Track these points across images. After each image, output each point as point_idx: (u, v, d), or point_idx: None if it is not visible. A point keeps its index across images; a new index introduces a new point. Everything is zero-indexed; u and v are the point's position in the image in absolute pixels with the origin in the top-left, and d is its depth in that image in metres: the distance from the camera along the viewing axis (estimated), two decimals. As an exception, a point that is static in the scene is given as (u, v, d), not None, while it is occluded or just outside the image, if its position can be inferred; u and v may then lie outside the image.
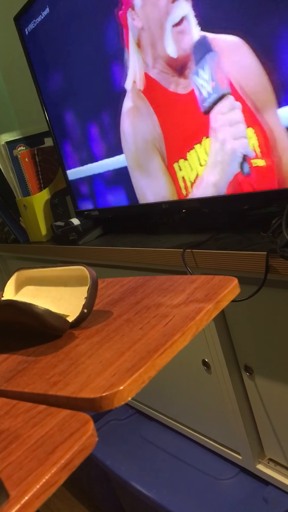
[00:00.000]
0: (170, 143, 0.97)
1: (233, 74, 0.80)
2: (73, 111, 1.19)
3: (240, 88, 0.80)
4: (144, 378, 0.36)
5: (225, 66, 0.81)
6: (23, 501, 0.27)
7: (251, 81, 0.78)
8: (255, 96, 0.78)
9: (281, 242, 0.67)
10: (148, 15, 0.91)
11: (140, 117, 1.02)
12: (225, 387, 0.92)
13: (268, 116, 0.77)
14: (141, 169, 1.08)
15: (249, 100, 0.79)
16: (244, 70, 0.78)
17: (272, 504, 0.88)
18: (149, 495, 0.99)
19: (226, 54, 0.80)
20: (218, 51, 0.81)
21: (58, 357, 0.43)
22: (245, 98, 0.80)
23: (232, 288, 0.48)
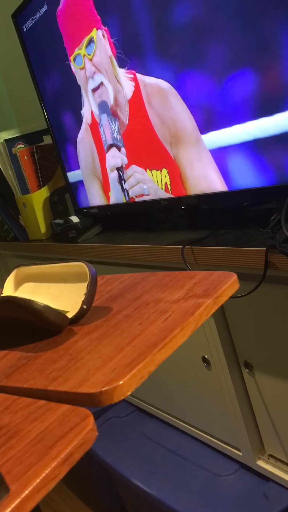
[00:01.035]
0: (104, 172, 1.16)
1: (156, 120, 0.94)
2: (72, 109, 1.19)
3: (161, 131, 0.94)
4: (143, 373, 0.36)
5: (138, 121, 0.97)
6: (23, 495, 0.27)
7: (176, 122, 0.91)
8: (176, 134, 0.91)
9: (280, 238, 0.67)
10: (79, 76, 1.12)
11: (85, 149, 1.20)
12: (225, 383, 0.92)
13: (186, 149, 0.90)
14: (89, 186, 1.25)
15: (167, 140, 0.93)
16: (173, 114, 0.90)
17: (272, 500, 0.88)
18: (150, 492, 0.99)
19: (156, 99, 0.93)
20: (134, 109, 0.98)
21: (58, 353, 0.43)
22: (162, 139, 0.94)
23: (231, 283, 0.48)
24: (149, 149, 0.99)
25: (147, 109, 0.95)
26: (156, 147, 0.97)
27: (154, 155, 0.98)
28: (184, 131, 0.89)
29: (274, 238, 0.72)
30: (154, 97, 0.93)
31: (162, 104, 0.92)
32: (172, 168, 0.95)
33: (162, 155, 0.96)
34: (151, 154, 0.99)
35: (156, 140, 0.96)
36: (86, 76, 1.08)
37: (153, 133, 0.96)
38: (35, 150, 1.39)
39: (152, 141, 0.97)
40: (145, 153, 1.00)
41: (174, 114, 0.90)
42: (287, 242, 0.66)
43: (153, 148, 0.98)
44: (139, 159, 1.02)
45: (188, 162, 0.91)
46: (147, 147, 0.99)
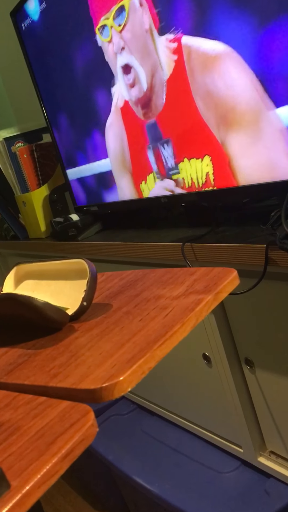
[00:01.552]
0: (135, 163, 1.03)
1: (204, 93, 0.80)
2: (72, 107, 1.19)
3: (207, 112, 0.80)
4: (144, 369, 0.36)
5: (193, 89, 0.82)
6: (24, 490, 0.27)
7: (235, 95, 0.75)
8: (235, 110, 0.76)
9: (280, 234, 0.66)
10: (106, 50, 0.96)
11: (116, 135, 1.06)
12: (226, 380, 0.92)
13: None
14: (119, 178, 1.13)
15: (214, 122, 0.80)
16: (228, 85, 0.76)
17: (273, 497, 0.88)
18: (151, 489, 0.99)
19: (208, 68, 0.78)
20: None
21: (58, 350, 0.43)
22: (208, 121, 0.80)
23: (231, 279, 0.48)
24: (189, 134, 0.86)
25: (190, 86, 0.82)
26: (198, 131, 0.83)
27: (195, 141, 0.85)
28: (241, 108, 0.74)
29: (274, 235, 0.72)
30: (202, 68, 0.77)
31: (212, 76, 0.76)
32: (218, 155, 0.82)
33: (205, 140, 0.83)
34: (191, 140, 0.86)
35: (199, 122, 0.82)
36: (113, 51, 0.93)
37: (196, 115, 0.83)
38: (34, 148, 1.39)
39: (194, 124, 0.84)
40: (183, 140, 0.88)
41: (228, 87, 0.74)
42: (287, 238, 0.65)
43: (194, 132, 0.85)
44: (175, 147, 0.91)
45: (241, 147, 0.76)
46: (187, 132, 0.86)
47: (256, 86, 0.70)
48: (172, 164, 0.94)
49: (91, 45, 1.02)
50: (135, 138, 1.01)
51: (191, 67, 0.79)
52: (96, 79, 1.06)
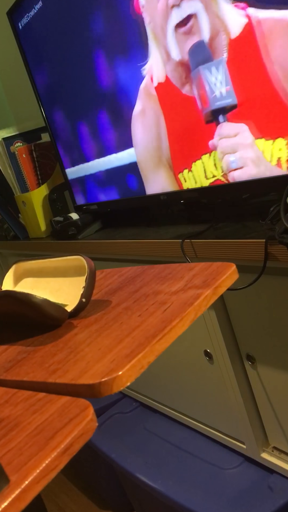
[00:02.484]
0: (175, 150, 0.91)
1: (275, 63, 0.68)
2: (70, 106, 1.19)
3: (284, 84, 0.69)
4: (143, 364, 0.36)
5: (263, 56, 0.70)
6: (23, 485, 0.27)
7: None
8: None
9: (279, 229, 0.66)
10: (151, 9, 0.84)
11: (149, 123, 0.95)
12: (228, 377, 0.92)
13: None
14: (150, 173, 1.02)
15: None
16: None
17: (277, 492, 0.88)
18: (154, 487, 0.99)
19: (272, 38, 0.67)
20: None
21: (57, 346, 0.43)
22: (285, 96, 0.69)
23: (230, 273, 0.48)
24: (260, 110, 0.74)
25: (262, 55, 0.70)
26: (273, 107, 0.72)
27: (267, 119, 0.73)
28: None
29: (273, 230, 0.71)
30: (276, 36, 0.67)
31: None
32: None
33: (281, 119, 0.71)
34: (262, 116, 0.74)
35: (274, 97, 0.70)
36: (167, 5, 0.79)
37: (270, 88, 0.71)
38: (33, 148, 1.39)
39: (267, 98, 0.72)
40: (252, 116, 0.75)
41: None
42: (286, 233, 0.65)
43: (267, 108, 0.73)
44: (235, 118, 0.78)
45: None
46: (257, 107, 0.74)
47: None
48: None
49: (118, 16, 0.92)
50: (178, 119, 0.88)
51: (263, 34, 0.69)
52: (119, 62, 0.95)
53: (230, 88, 0.78)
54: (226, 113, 0.80)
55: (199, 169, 0.89)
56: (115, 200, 1.17)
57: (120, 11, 0.93)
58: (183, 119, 0.88)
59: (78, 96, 1.14)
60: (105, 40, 1.00)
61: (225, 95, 0.78)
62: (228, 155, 0.82)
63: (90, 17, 1.00)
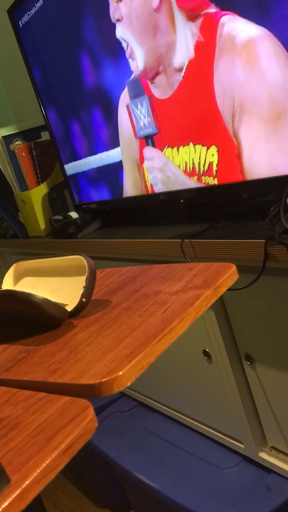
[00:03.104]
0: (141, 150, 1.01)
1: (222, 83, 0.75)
2: (70, 104, 1.19)
3: (224, 100, 0.76)
4: (143, 364, 0.36)
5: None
6: (24, 485, 0.27)
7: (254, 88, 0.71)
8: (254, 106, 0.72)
9: (279, 229, 0.66)
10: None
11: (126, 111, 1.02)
12: (226, 376, 0.92)
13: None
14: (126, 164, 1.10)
15: (229, 111, 0.77)
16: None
17: (275, 492, 0.88)
18: (153, 486, 1.00)
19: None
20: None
21: (58, 346, 0.43)
22: (223, 110, 0.77)
23: (230, 274, 0.48)
24: (199, 120, 0.82)
25: (214, 71, 0.76)
26: (210, 119, 0.80)
27: (204, 128, 0.82)
28: (265, 100, 0.70)
29: (273, 230, 0.71)
30: (232, 51, 0.71)
31: (241, 61, 0.70)
32: (226, 146, 0.79)
33: (215, 130, 0.80)
34: (200, 125, 0.83)
35: (213, 110, 0.78)
36: (113, 17, 0.86)
37: (212, 102, 0.78)
38: (33, 146, 1.39)
39: (207, 111, 0.80)
40: (191, 124, 0.84)
41: (256, 76, 0.69)
42: (286, 233, 0.65)
43: (205, 119, 0.81)
44: (181, 131, 0.87)
45: (256, 140, 0.73)
46: (197, 117, 0.83)
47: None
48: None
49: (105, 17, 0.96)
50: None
51: (221, 50, 0.73)
52: (119, 59, 0.98)
53: (151, 120, 0.94)
54: (151, 139, 0.97)
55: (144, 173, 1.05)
56: (114, 199, 1.17)
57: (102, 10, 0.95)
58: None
59: (78, 95, 1.14)
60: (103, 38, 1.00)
61: (147, 126, 0.96)
62: (149, 173, 1.02)
63: (90, 16, 1.00)
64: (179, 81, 0.82)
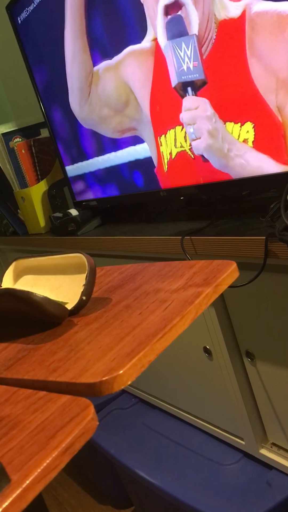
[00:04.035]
0: (155, 113, 0.93)
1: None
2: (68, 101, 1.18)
3: (262, 79, 0.71)
4: (143, 362, 0.36)
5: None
6: (24, 485, 0.27)
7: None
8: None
9: (279, 226, 0.66)
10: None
11: (140, 74, 0.94)
12: (227, 373, 0.92)
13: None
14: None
15: (271, 88, 0.71)
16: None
17: (275, 488, 0.88)
18: (153, 482, 1.00)
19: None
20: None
21: (58, 344, 0.43)
22: (262, 88, 0.72)
23: (231, 271, 0.47)
24: (232, 95, 0.77)
25: (246, 44, 0.72)
26: (244, 94, 0.75)
27: (237, 104, 0.77)
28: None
29: (273, 227, 0.71)
30: (266, 26, 0.67)
31: (278, 37, 0.66)
32: (267, 123, 0.73)
33: (252, 106, 0.74)
34: (232, 101, 0.78)
35: (248, 83, 0.74)
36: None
37: (246, 75, 0.73)
38: (32, 143, 1.39)
39: (241, 84, 0.75)
40: (222, 98, 0.79)
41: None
42: (286, 230, 0.65)
43: (239, 94, 0.76)
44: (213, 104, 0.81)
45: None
46: (230, 91, 0.77)
47: None
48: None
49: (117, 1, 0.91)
50: (161, 84, 0.90)
51: (253, 25, 0.70)
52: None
53: (199, 64, 0.79)
54: (193, 87, 0.83)
55: (172, 137, 0.93)
56: (114, 196, 1.17)
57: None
58: (165, 86, 0.90)
59: (137, 29, 1.08)
60: (104, 33, 0.99)
61: (192, 70, 0.80)
62: (189, 126, 0.86)
63: (90, 12, 0.99)
64: (209, 46, 0.77)
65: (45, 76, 1.24)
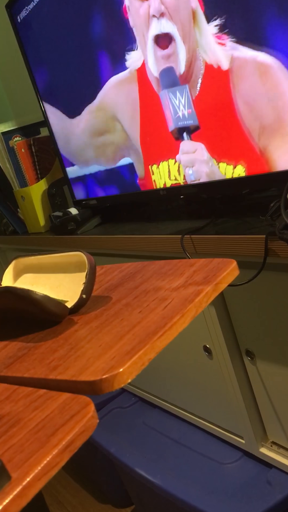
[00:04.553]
0: (145, 142, 0.97)
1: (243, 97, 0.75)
2: (69, 99, 1.18)
3: (247, 119, 0.76)
4: (143, 360, 0.36)
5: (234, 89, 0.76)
6: (24, 482, 0.27)
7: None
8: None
9: (279, 225, 0.66)
10: (135, 14, 0.88)
11: (123, 96, 0.98)
12: (227, 372, 0.92)
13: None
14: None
15: (255, 130, 0.75)
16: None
17: (275, 487, 0.88)
18: (154, 481, 1.00)
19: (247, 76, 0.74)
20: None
21: (58, 343, 0.43)
22: (247, 128, 0.76)
23: (231, 270, 0.47)
24: (222, 136, 0.81)
25: (231, 88, 0.76)
26: (234, 135, 0.79)
27: (227, 143, 0.81)
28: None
29: (273, 225, 0.71)
30: (248, 74, 0.72)
31: (259, 84, 0.71)
32: (255, 163, 0.79)
33: (242, 147, 0.79)
34: (224, 142, 0.82)
35: (236, 126, 0.78)
36: (148, 13, 0.80)
37: (234, 118, 0.77)
38: (32, 142, 1.39)
39: (231, 126, 0.79)
40: (214, 138, 0.82)
41: (278, 96, 0.69)
42: (286, 229, 0.65)
43: (228, 135, 0.80)
44: (207, 147, 0.86)
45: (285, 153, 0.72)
46: (219, 132, 0.81)
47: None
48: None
49: (106, 10, 0.94)
50: (151, 114, 0.94)
51: (236, 69, 0.74)
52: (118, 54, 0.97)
53: (192, 111, 0.86)
54: (188, 131, 0.90)
55: (165, 169, 0.98)
56: (114, 195, 1.17)
57: (113, 10, 0.94)
58: (156, 118, 0.94)
59: (77, 90, 1.14)
60: (103, 33, 0.99)
61: (187, 117, 0.88)
62: (188, 168, 0.93)
63: (89, 11, 0.99)
64: (197, 88, 0.82)
65: (45, 75, 1.24)
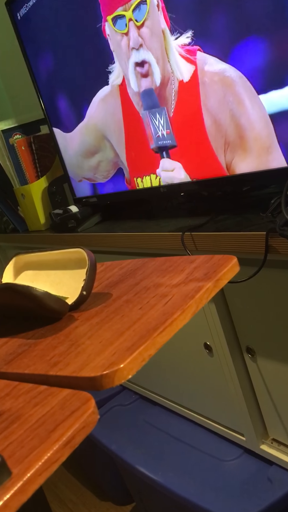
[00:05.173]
0: (130, 156, 1.04)
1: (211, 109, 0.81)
2: (68, 96, 1.18)
3: (214, 134, 0.82)
4: (144, 356, 0.36)
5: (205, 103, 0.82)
6: (25, 478, 0.27)
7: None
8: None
9: (280, 221, 0.66)
10: (115, 42, 0.96)
11: (109, 111, 1.04)
12: (227, 369, 0.92)
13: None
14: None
15: (221, 146, 0.82)
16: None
17: (276, 484, 0.89)
18: (154, 478, 1.00)
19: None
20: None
21: (58, 339, 0.43)
22: (214, 143, 0.82)
23: (231, 266, 0.47)
24: (194, 152, 0.88)
25: (201, 104, 0.83)
26: (202, 150, 0.86)
27: (198, 160, 0.88)
28: (252, 135, 0.76)
29: (274, 222, 0.71)
30: (215, 89, 0.78)
31: (224, 99, 0.77)
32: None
33: (208, 162, 0.85)
34: (195, 158, 0.89)
35: (204, 141, 0.84)
36: (128, 46, 0.92)
37: (203, 134, 0.84)
38: (32, 140, 1.38)
39: (199, 142, 0.85)
40: (189, 157, 0.90)
41: (240, 113, 0.75)
42: (287, 226, 0.65)
43: (198, 150, 0.87)
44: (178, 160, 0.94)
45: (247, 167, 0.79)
46: (190, 147, 0.89)
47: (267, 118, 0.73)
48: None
49: (92, 31, 1.01)
50: (134, 131, 1.01)
51: (205, 84, 0.80)
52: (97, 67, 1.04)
53: (170, 132, 0.93)
54: (167, 150, 0.97)
55: (148, 183, 1.06)
56: (114, 192, 1.17)
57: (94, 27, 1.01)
58: (139, 134, 1.01)
59: (78, 88, 1.13)
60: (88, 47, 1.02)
61: (166, 137, 0.95)
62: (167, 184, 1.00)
63: (88, 9, 0.99)
64: (173, 105, 0.90)
65: (45, 72, 1.23)
